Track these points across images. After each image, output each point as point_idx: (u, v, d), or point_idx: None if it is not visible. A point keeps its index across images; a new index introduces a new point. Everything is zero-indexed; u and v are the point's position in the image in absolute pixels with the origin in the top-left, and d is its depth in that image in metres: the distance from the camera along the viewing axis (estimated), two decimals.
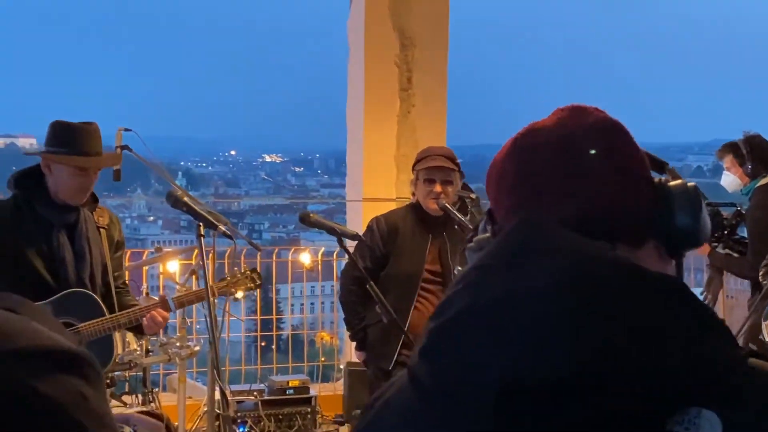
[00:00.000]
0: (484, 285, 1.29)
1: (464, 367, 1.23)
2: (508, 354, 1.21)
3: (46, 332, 0.95)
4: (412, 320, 4.71)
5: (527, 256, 1.30)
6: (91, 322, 3.88)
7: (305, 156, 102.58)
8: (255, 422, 7.15)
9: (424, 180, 4.75)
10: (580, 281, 1.25)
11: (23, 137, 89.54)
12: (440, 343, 1.28)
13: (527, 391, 1.19)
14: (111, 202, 36.16)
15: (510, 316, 1.24)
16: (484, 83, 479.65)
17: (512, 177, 1.44)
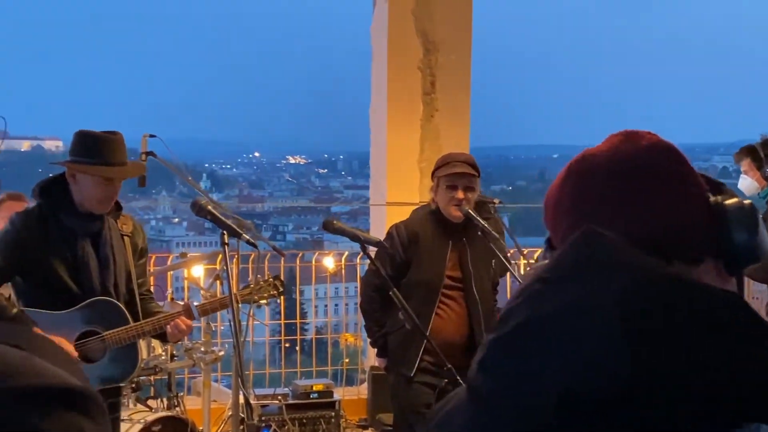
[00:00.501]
0: (544, 298, 1.30)
1: (523, 379, 1.25)
2: (566, 367, 1.22)
3: (50, 369, 0.94)
4: (433, 326, 4.71)
5: (588, 270, 1.31)
6: (116, 330, 3.91)
7: (329, 157, 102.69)
8: (279, 426, 7.18)
9: (446, 186, 4.75)
10: (639, 295, 1.26)
11: (50, 139, 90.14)
12: (499, 356, 1.29)
13: (585, 403, 1.20)
14: (136, 204, 36.13)
15: (569, 330, 1.25)
16: (508, 83, 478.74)
17: (568, 202, 1.46)
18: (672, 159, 1.46)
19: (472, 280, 4.83)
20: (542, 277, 1.34)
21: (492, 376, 1.28)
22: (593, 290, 1.27)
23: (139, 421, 5.26)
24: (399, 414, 4.95)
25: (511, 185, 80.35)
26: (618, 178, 1.43)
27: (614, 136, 1.49)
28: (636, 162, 1.44)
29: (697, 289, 1.29)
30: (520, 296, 1.33)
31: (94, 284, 3.95)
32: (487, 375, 1.29)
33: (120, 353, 3.94)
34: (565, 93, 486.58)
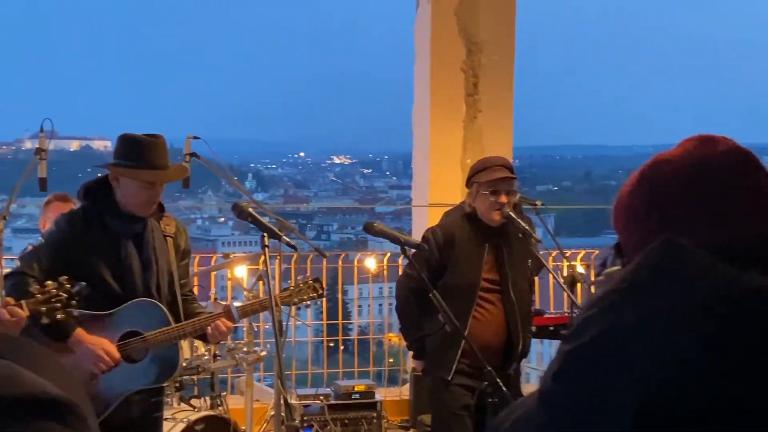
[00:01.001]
0: (621, 309, 1.29)
1: (600, 391, 1.23)
2: (646, 379, 1.21)
3: (28, 378, 0.94)
4: (471, 329, 4.70)
5: (666, 280, 1.29)
6: (157, 332, 3.95)
7: (374, 158, 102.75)
8: (321, 426, 7.20)
9: (489, 192, 4.74)
10: (720, 306, 1.24)
11: (98, 140, 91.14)
12: (576, 367, 1.28)
13: (663, 420, 1.19)
14: (183, 203, 36.37)
15: (649, 341, 1.24)
16: (553, 81, 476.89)
17: (642, 208, 1.44)
18: (749, 165, 1.43)
19: (509, 281, 4.82)
20: (619, 288, 1.32)
21: (567, 388, 1.27)
22: (672, 303, 1.25)
23: (182, 420, 5.30)
24: (437, 416, 4.96)
25: (557, 186, 79.91)
26: (694, 184, 1.40)
27: (688, 140, 1.46)
28: (712, 168, 1.41)
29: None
30: (596, 306, 1.31)
31: (137, 285, 3.99)
32: (563, 387, 1.28)
33: (161, 354, 3.98)
34: (611, 92, 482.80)
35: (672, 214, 1.40)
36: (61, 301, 3.47)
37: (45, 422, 0.91)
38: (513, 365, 4.89)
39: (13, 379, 0.93)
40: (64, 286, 3.49)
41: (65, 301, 3.48)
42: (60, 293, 3.47)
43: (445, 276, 4.80)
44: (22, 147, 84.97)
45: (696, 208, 1.39)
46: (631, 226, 1.45)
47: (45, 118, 5.23)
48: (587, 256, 9.09)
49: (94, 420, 1.01)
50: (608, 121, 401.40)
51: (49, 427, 0.91)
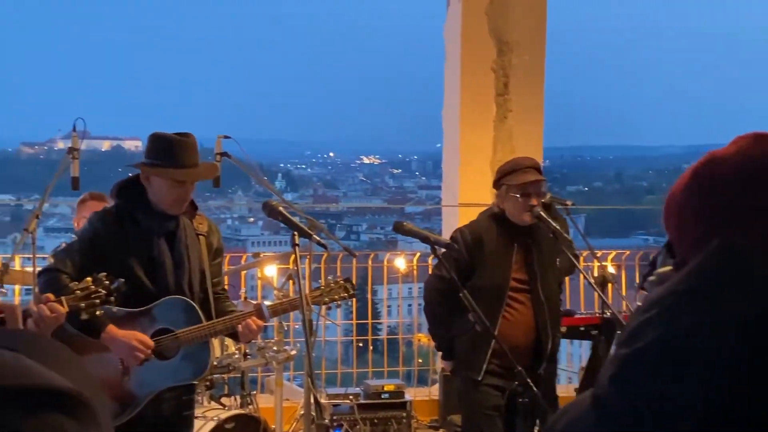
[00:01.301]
0: (679, 313, 1.27)
1: (659, 396, 1.22)
2: (705, 389, 1.20)
3: (36, 370, 0.94)
4: (500, 329, 4.69)
5: (725, 285, 1.27)
6: (189, 329, 3.97)
7: (403, 158, 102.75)
8: (351, 426, 7.21)
9: (520, 195, 4.73)
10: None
11: (129, 140, 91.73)
12: (633, 371, 1.27)
13: (724, 423, 1.18)
14: (213, 203, 36.59)
15: (707, 349, 1.22)
16: (584, 81, 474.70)
17: (696, 209, 1.41)
18: None
19: (539, 281, 4.81)
20: (676, 291, 1.30)
21: (624, 393, 1.26)
22: (733, 305, 1.24)
23: (212, 418, 5.33)
24: (467, 417, 4.95)
25: (588, 186, 79.59)
26: (750, 184, 1.37)
27: (742, 138, 1.43)
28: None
29: None
30: (653, 309, 1.29)
31: (169, 283, 4.01)
32: (619, 392, 1.26)
33: (193, 351, 4.00)
34: (643, 92, 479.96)
35: (727, 214, 1.37)
36: (99, 298, 3.50)
37: (51, 414, 0.91)
38: (542, 365, 4.88)
39: (20, 370, 0.93)
40: (102, 282, 3.53)
41: (104, 297, 3.51)
42: (99, 290, 3.51)
43: (474, 276, 4.79)
44: (54, 147, 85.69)
45: (752, 208, 1.35)
46: (684, 226, 1.42)
47: (78, 117, 5.29)
48: (618, 256, 9.06)
49: (106, 415, 1.00)
50: (640, 121, 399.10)
51: (56, 418, 0.91)
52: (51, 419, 0.91)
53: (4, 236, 61.41)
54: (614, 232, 63.84)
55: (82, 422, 0.93)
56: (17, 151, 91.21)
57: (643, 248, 52.97)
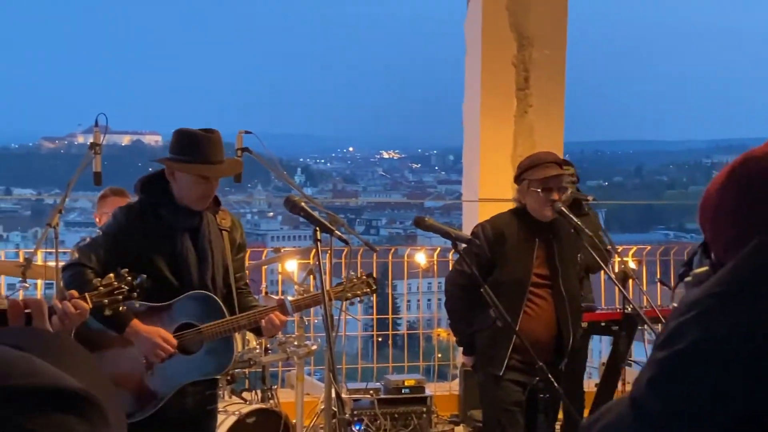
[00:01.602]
0: (719, 315, 1.26)
1: (698, 399, 1.22)
2: (746, 391, 1.19)
3: (46, 370, 0.95)
4: (522, 325, 4.69)
5: (764, 284, 1.26)
6: (212, 324, 3.98)
7: (423, 152, 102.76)
8: (371, 421, 7.22)
9: (541, 189, 4.73)
10: None
11: (149, 134, 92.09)
12: (671, 374, 1.26)
13: (764, 426, 1.17)
14: (232, 197, 36.77)
15: (748, 352, 1.21)
16: (604, 75, 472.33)
17: (733, 208, 1.40)
18: None
19: (560, 276, 4.80)
20: (714, 292, 1.29)
21: (663, 395, 1.25)
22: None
23: (233, 413, 5.35)
24: (488, 412, 4.95)
25: (608, 181, 79.39)
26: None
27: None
28: None
29: None
30: (691, 311, 1.28)
31: (193, 278, 4.02)
32: (659, 394, 1.25)
33: (216, 346, 4.01)
34: (664, 86, 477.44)
35: (764, 213, 1.35)
36: (122, 293, 3.52)
37: (60, 414, 0.91)
38: (563, 361, 4.87)
39: (29, 370, 0.94)
40: (125, 278, 3.54)
41: (126, 293, 3.53)
42: (122, 285, 3.52)
43: (495, 272, 4.79)
44: (74, 142, 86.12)
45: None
46: (720, 226, 1.41)
47: (99, 113, 5.31)
48: (639, 252, 9.03)
49: (118, 416, 1.00)
50: (661, 116, 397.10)
51: (64, 419, 0.91)
52: (60, 419, 0.91)
53: (25, 230, 61.80)
54: (634, 227, 63.71)
55: (92, 423, 0.93)
56: (38, 145, 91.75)
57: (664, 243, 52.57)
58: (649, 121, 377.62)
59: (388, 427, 7.24)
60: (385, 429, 7.22)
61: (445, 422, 7.71)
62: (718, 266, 1.38)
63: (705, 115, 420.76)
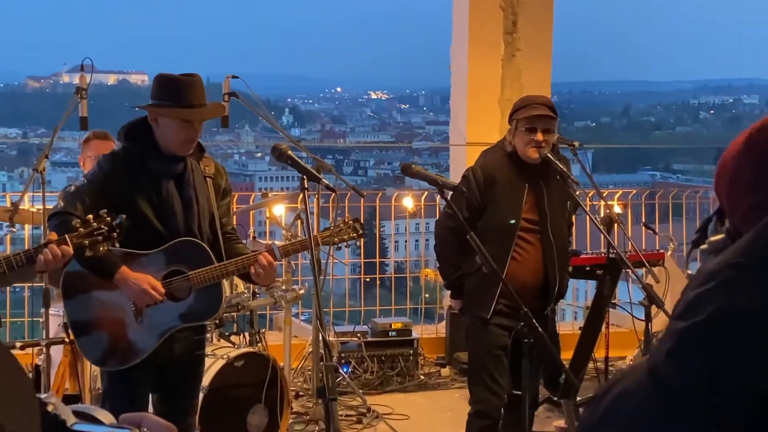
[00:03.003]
0: (740, 286, 1.25)
1: (719, 370, 1.21)
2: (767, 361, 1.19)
3: None
4: (509, 269, 4.72)
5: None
6: (201, 270, 4.00)
7: (411, 93, 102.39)
8: (358, 363, 7.30)
9: (525, 129, 4.73)
10: None
11: (135, 74, 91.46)
12: (692, 345, 1.25)
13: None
14: (220, 138, 36.36)
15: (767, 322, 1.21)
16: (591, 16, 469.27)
17: (750, 175, 1.37)
18: None
19: (548, 222, 4.83)
20: (735, 263, 1.27)
21: (684, 366, 1.24)
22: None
23: (222, 356, 5.40)
24: (475, 355, 5.00)
25: (595, 122, 79.36)
26: None
27: None
28: None
29: None
30: (711, 281, 1.27)
31: (179, 224, 4.03)
32: (679, 365, 1.25)
33: (204, 292, 4.04)
34: (652, 26, 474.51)
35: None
36: (102, 234, 3.54)
37: None
38: (550, 306, 4.92)
39: None
40: (104, 219, 3.56)
41: (106, 233, 3.54)
42: (101, 226, 3.54)
43: (485, 215, 4.81)
44: (60, 81, 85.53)
45: None
46: (738, 194, 1.39)
47: (85, 57, 5.29)
48: (624, 195, 9.08)
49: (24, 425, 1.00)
50: (649, 56, 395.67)
51: None
52: None
53: (12, 170, 61.59)
54: (621, 168, 63.81)
55: None
56: (23, 85, 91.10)
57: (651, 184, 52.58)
58: (637, 61, 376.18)
59: (375, 369, 7.33)
60: (372, 371, 7.31)
61: (431, 364, 7.80)
62: (735, 235, 1.36)
63: (694, 55, 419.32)
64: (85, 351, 4.14)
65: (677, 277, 6.57)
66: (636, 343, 6.57)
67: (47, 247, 3.45)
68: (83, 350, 4.14)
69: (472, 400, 4.95)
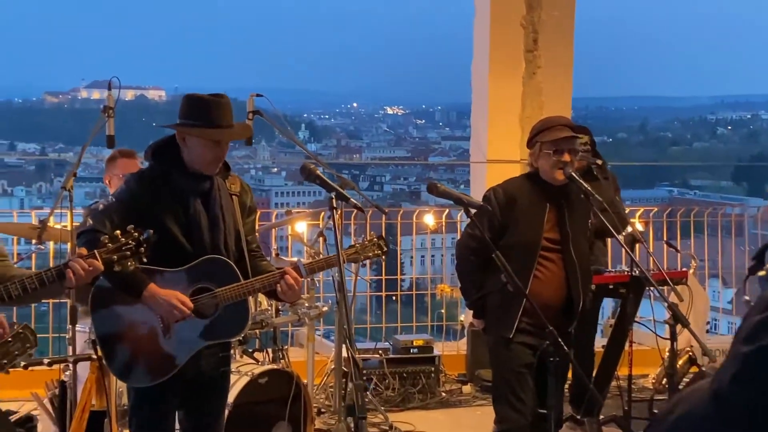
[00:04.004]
0: None
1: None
2: None
3: None
4: (532, 288, 4.73)
5: None
6: (227, 288, 4.03)
7: (427, 108, 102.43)
8: (380, 380, 7.31)
9: (552, 151, 4.76)
10: None
11: (153, 89, 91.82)
12: (756, 370, 1.26)
13: None
14: (236, 153, 36.51)
15: None
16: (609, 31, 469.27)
17: None
18: None
19: (570, 241, 4.84)
20: None
21: (749, 390, 1.25)
22: None
23: (246, 373, 5.43)
24: (498, 374, 5.00)
25: (612, 137, 79.18)
26: None
27: None
28: None
29: None
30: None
31: (205, 242, 4.07)
32: (743, 389, 1.25)
33: (231, 310, 4.06)
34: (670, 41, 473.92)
35: None
36: (130, 249, 3.57)
37: None
38: (573, 324, 4.93)
39: None
40: (132, 234, 3.60)
41: (134, 248, 3.58)
42: (129, 241, 3.58)
43: (506, 235, 4.83)
44: (78, 96, 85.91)
45: None
46: None
47: (113, 76, 5.35)
48: (645, 213, 9.08)
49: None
50: (666, 72, 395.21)
51: None
52: None
53: (30, 185, 61.91)
54: (638, 184, 63.62)
55: None
56: (41, 100, 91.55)
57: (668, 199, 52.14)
58: (654, 76, 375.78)
59: (397, 386, 7.33)
60: (393, 388, 7.32)
61: (453, 381, 7.80)
62: None
63: (711, 71, 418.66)
64: (112, 367, 4.16)
65: (699, 296, 6.57)
66: (659, 361, 6.57)
67: (76, 262, 3.49)
68: (110, 366, 4.16)
69: (497, 419, 4.95)
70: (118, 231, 3.59)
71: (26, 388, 6.20)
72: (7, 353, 3.30)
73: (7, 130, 75.69)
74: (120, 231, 3.59)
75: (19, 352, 3.33)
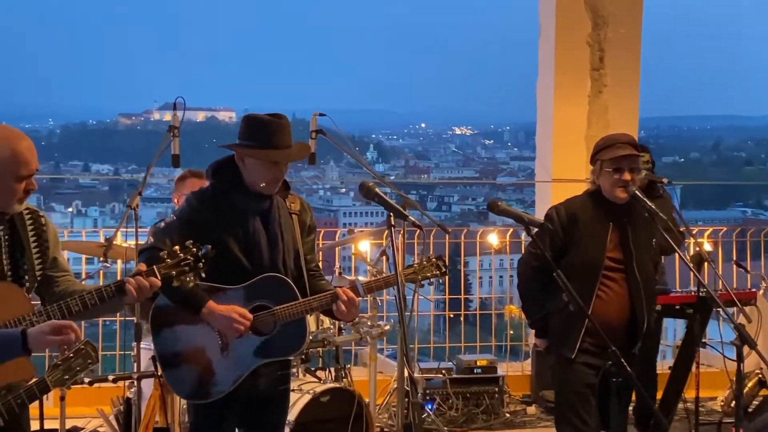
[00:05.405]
0: None
1: None
2: None
3: None
4: (594, 308, 4.67)
5: None
6: (285, 306, 4.05)
7: (495, 128, 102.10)
8: (443, 400, 7.28)
9: (612, 169, 4.70)
10: None
11: (224, 111, 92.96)
12: None
13: None
14: (305, 174, 36.74)
15: None
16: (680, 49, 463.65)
17: None
18: None
19: (634, 261, 4.77)
20: None
21: None
22: None
23: (308, 391, 5.43)
24: (561, 395, 4.95)
25: (684, 157, 78.10)
26: None
27: None
28: None
29: None
30: None
31: (264, 260, 4.09)
32: None
33: (289, 328, 4.08)
34: (743, 59, 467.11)
35: None
36: (189, 264, 3.60)
37: None
38: (637, 345, 4.85)
39: None
40: (190, 249, 3.63)
41: (192, 264, 3.61)
42: (188, 257, 3.61)
43: (568, 255, 4.78)
44: (150, 118, 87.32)
45: None
46: None
47: (178, 96, 5.41)
48: (714, 233, 8.92)
49: None
50: (740, 90, 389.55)
51: None
52: None
53: (103, 206, 62.97)
54: (711, 204, 62.64)
55: None
56: (115, 122, 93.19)
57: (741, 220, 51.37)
58: (727, 95, 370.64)
59: (460, 407, 7.29)
60: (457, 408, 7.27)
61: (517, 402, 7.73)
62: None
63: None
64: (172, 384, 4.19)
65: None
66: (727, 383, 6.44)
67: (135, 277, 3.53)
68: (171, 383, 4.19)
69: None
70: (177, 247, 3.62)
71: (93, 404, 6.29)
72: (69, 369, 3.34)
73: (82, 151, 77.19)
74: (179, 246, 3.63)
75: (81, 367, 3.36)
